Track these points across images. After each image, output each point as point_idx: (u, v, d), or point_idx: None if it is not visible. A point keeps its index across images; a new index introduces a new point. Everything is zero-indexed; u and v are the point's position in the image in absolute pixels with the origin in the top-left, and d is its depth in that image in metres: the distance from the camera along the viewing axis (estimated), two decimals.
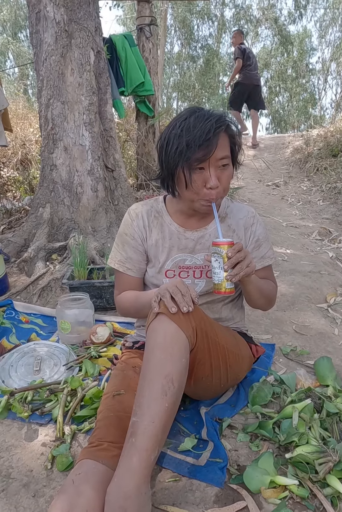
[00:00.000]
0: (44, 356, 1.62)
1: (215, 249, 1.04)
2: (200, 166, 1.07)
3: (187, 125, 1.07)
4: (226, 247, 1.03)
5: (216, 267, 1.04)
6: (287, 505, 0.97)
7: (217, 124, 1.05)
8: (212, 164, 1.08)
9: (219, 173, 1.10)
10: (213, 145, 1.05)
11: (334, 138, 5.73)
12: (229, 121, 1.11)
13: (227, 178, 1.13)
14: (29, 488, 1.04)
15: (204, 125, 1.04)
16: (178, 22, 20.78)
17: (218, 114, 1.08)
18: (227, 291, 1.04)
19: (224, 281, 1.03)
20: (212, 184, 1.08)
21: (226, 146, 1.10)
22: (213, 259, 1.05)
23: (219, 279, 1.04)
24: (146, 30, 4.24)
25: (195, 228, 1.26)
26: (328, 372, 1.44)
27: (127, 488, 0.82)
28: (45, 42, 2.83)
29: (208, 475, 1.05)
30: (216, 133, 1.05)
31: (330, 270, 2.64)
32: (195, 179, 1.09)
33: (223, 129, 1.07)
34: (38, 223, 2.89)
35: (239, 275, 1.02)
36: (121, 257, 1.28)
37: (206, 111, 1.10)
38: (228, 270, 1.02)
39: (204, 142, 1.04)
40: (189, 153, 1.05)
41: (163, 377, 0.91)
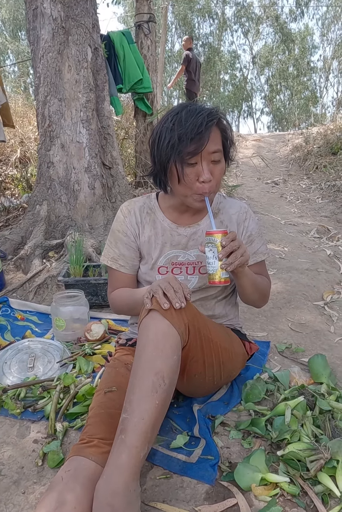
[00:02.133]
0: (38, 353, 1.62)
1: (208, 239, 1.03)
2: (192, 159, 1.06)
3: (179, 119, 1.06)
4: (219, 236, 1.01)
5: (210, 257, 1.03)
6: (277, 502, 0.96)
7: (209, 117, 1.05)
8: (204, 158, 1.07)
9: (211, 167, 1.10)
10: (204, 139, 1.04)
11: (334, 136, 5.72)
12: (221, 116, 1.10)
13: (220, 172, 1.12)
14: (19, 485, 1.04)
15: (196, 119, 1.04)
16: (179, 20, 20.75)
17: (209, 108, 1.08)
18: (222, 281, 1.03)
19: (219, 271, 1.02)
20: (204, 178, 1.07)
21: (217, 140, 1.10)
22: (206, 249, 1.04)
23: (213, 269, 1.03)
24: (145, 27, 4.23)
25: (188, 224, 1.26)
26: (322, 370, 1.43)
27: (115, 485, 0.82)
28: (42, 38, 2.82)
29: (199, 472, 1.05)
30: (208, 127, 1.04)
31: (327, 268, 2.63)
32: (187, 173, 1.08)
33: (215, 122, 1.06)
34: (35, 221, 2.88)
35: (233, 264, 1.01)
36: (114, 254, 1.27)
37: (197, 106, 1.09)
38: (222, 259, 1.01)
39: (195, 135, 1.03)
40: (181, 146, 1.05)
41: (154, 374, 0.91)
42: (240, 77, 23.85)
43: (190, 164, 1.07)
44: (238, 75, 23.71)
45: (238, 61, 23.64)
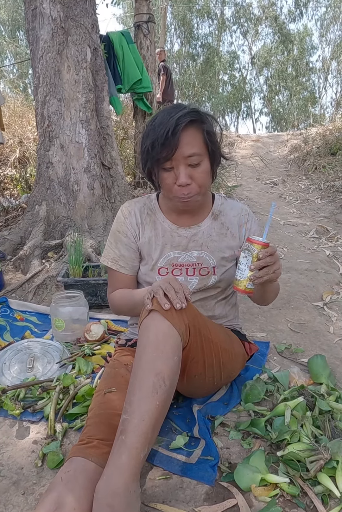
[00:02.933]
0: (37, 353, 1.61)
1: (247, 245, 1.02)
2: (167, 164, 1.07)
3: (153, 125, 1.06)
4: (259, 246, 1.00)
5: (242, 263, 1.02)
6: (277, 503, 0.96)
7: (178, 121, 1.02)
8: (180, 162, 1.06)
9: (190, 170, 1.08)
10: (174, 144, 1.03)
11: (333, 136, 5.72)
12: (197, 117, 1.07)
13: (200, 174, 1.10)
14: (19, 486, 1.03)
15: (167, 123, 1.03)
16: (178, 20, 20.74)
17: (183, 110, 1.05)
18: (246, 290, 1.03)
19: (246, 280, 1.02)
20: (180, 182, 1.07)
21: (195, 142, 1.07)
22: (242, 254, 1.03)
23: (241, 276, 1.02)
24: (144, 28, 4.23)
25: (188, 225, 1.25)
26: (321, 370, 1.44)
27: (115, 486, 0.82)
28: (41, 39, 2.82)
29: (198, 473, 1.04)
30: (176, 131, 1.02)
31: (326, 268, 2.63)
32: (165, 177, 1.09)
33: (183, 126, 1.03)
34: (34, 221, 2.88)
35: (262, 278, 1.00)
36: (114, 255, 1.27)
37: (174, 108, 1.07)
38: (253, 271, 1.00)
39: (165, 140, 1.02)
40: (153, 152, 1.05)
41: (155, 374, 0.90)
42: (239, 78, 23.86)
43: (166, 169, 1.08)
44: (237, 76, 23.72)
45: (237, 61, 23.65)
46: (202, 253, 1.25)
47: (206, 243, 1.25)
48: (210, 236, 1.25)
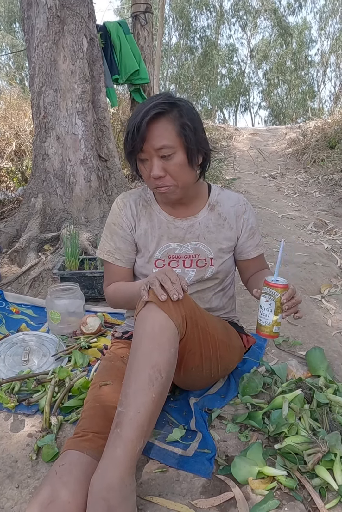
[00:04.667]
0: (33, 346, 1.60)
1: (267, 290, 1.00)
2: (141, 156, 1.07)
3: (132, 116, 1.08)
4: (280, 290, 0.99)
5: (265, 308, 1.01)
6: (274, 496, 0.95)
7: (147, 112, 1.02)
8: (152, 155, 1.06)
9: (164, 163, 1.07)
10: (143, 136, 1.03)
11: (331, 129, 5.70)
12: (169, 108, 1.04)
13: (173, 167, 1.07)
14: (13, 479, 1.02)
15: (138, 115, 1.03)
16: (176, 12, 20.57)
17: (155, 101, 1.04)
18: (273, 335, 1.02)
19: (272, 325, 1.01)
20: (152, 174, 1.07)
21: (166, 134, 1.04)
22: (263, 298, 1.01)
23: (267, 322, 1.01)
24: (142, 18, 4.18)
25: (184, 216, 1.23)
26: (319, 363, 1.43)
27: (111, 479, 0.80)
28: (37, 28, 2.78)
29: (195, 466, 1.03)
30: (145, 122, 1.01)
31: (325, 262, 2.62)
32: (142, 169, 1.11)
33: (147, 119, 1.01)
34: (30, 214, 2.85)
35: (287, 316, 1.02)
36: (110, 248, 1.25)
37: (152, 98, 1.07)
38: (284, 317, 1.00)
39: (134, 133, 1.03)
40: (128, 144, 1.07)
41: (151, 367, 0.89)
42: (237, 71, 23.73)
43: (141, 160, 1.09)
44: (235, 69, 23.59)
45: (236, 55, 23.51)
46: (198, 245, 1.23)
47: (203, 234, 1.23)
48: (206, 227, 1.23)
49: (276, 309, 1.00)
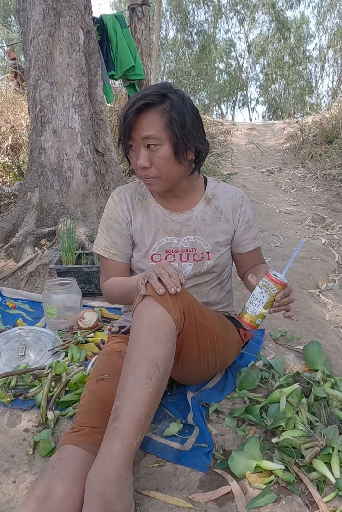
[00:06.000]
0: (29, 341, 1.59)
1: (266, 282, 0.99)
2: (130, 142, 1.08)
3: (125, 104, 1.09)
4: (280, 287, 0.98)
5: (257, 298, 1.00)
6: (272, 489, 0.95)
7: (137, 102, 1.03)
8: (139, 144, 1.07)
9: (149, 154, 1.07)
10: (131, 123, 1.04)
11: (329, 124, 5.68)
12: (156, 101, 1.03)
13: (157, 159, 1.06)
14: (9, 474, 1.02)
15: (131, 103, 1.05)
16: (173, 6, 20.42)
17: (147, 92, 1.04)
18: (254, 326, 1.02)
19: (257, 317, 1.01)
20: (138, 163, 1.08)
21: (154, 125, 1.03)
22: (258, 288, 1.00)
23: (253, 311, 1.01)
24: (139, 11, 4.14)
25: (181, 210, 1.22)
26: (317, 357, 1.42)
27: (108, 473, 0.80)
28: (32, 20, 2.74)
29: (192, 460, 1.03)
30: (133, 110, 1.02)
31: (322, 256, 2.62)
32: (131, 156, 1.12)
33: (135, 108, 1.02)
34: (26, 208, 2.83)
35: (274, 312, 1.03)
36: (107, 243, 1.24)
37: (147, 89, 1.08)
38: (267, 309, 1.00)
39: (124, 119, 1.05)
40: (120, 129, 1.08)
41: (148, 361, 0.88)
42: (235, 66, 23.62)
43: (131, 147, 1.10)
44: (233, 64, 23.48)
45: (233, 49, 23.40)
46: (195, 238, 1.22)
47: (199, 228, 1.22)
48: (203, 221, 1.22)
49: (267, 303, 1.00)
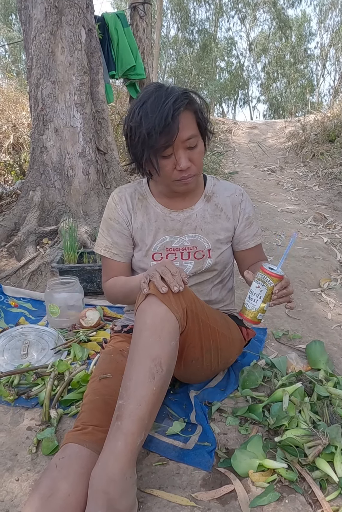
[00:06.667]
0: (32, 340, 1.59)
1: (262, 276, 0.99)
2: (166, 152, 1.03)
3: (145, 112, 1.00)
4: (276, 280, 0.98)
5: (255, 293, 1.00)
6: (275, 488, 0.95)
7: (175, 105, 0.99)
8: (178, 147, 1.03)
9: (189, 153, 1.06)
10: (174, 130, 0.99)
11: (331, 123, 5.67)
12: (189, 98, 1.04)
13: (198, 155, 1.08)
14: (13, 472, 1.02)
15: (162, 109, 0.98)
16: (174, 5, 20.38)
17: (176, 94, 1.02)
18: (255, 321, 1.01)
19: (258, 312, 1.00)
20: (181, 167, 1.05)
21: (191, 124, 1.05)
22: (255, 283, 1.00)
23: (253, 307, 1.00)
24: (140, 9, 4.13)
25: (181, 208, 1.22)
26: (319, 356, 1.42)
27: (111, 472, 0.80)
28: (34, 18, 2.74)
29: (195, 459, 1.03)
30: (175, 116, 0.98)
31: (324, 255, 2.61)
32: (164, 164, 1.05)
33: (181, 110, 1.00)
34: (28, 207, 2.83)
35: (274, 305, 1.01)
36: (107, 243, 1.24)
37: (163, 91, 1.02)
38: (266, 303, 0.99)
39: (164, 128, 0.98)
40: (151, 142, 1.00)
41: (152, 360, 0.88)
42: (236, 65, 23.57)
43: (164, 157, 1.04)
44: (234, 63, 23.43)
45: (235, 48, 23.35)
46: (196, 236, 1.22)
47: (199, 225, 1.22)
48: (203, 219, 1.23)
49: (266, 297, 0.99)
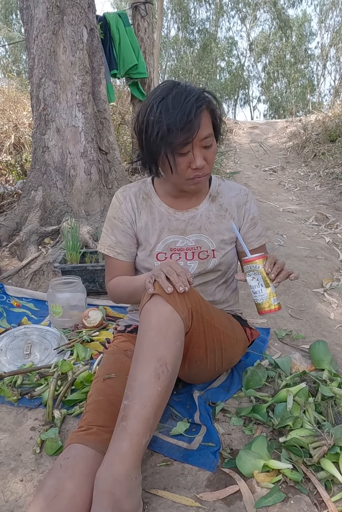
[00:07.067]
0: (35, 340, 1.59)
1: (249, 267, 0.99)
2: (184, 149, 1.02)
3: (165, 107, 1.00)
4: (261, 261, 0.98)
5: (254, 285, 0.99)
6: (280, 489, 0.95)
7: (198, 103, 0.99)
8: (196, 145, 1.03)
9: (203, 152, 1.06)
10: (195, 127, 0.99)
11: (332, 123, 5.66)
12: (210, 97, 1.06)
13: (212, 155, 1.09)
14: (17, 473, 1.02)
15: (184, 106, 0.98)
16: (174, 4, 20.38)
17: (197, 91, 1.02)
18: (276, 308, 1.00)
19: (270, 298, 0.99)
20: (197, 165, 1.04)
21: (208, 124, 1.05)
22: (248, 278, 1.00)
23: (263, 298, 0.99)
24: (142, 9, 4.12)
25: (185, 208, 1.22)
26: (323, 356, 1.42)
27: (117, 472, 0.80)
28: (36, 18, 2.74)
29: (200, 459, 1.03)
30: (198, 113, 0.99)
31: (326, 255, 2.61)
32: (179, 162, 1.05)
33: (204, 108, 1.01)
34: (30, 207, 2.83)
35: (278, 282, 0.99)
36: (111, 242, 1.24)
37: (183, 88, 1.02)
38: (273, 282, 0.98)
39: (185, 125, 0.98)
40: (171, 138, 0.99)
41: (157, 360, 0.88)
42: (236, 64, 23.58)
43: (181, 154, 1.04)
44: (234, 63, 23.44)
45: (235, 48, 23.35)
46: (200, 237, 1.22)
47: (204, 226, 1.22)
48: (208, 219, 1.22)
49: (265, 281, 0.98)
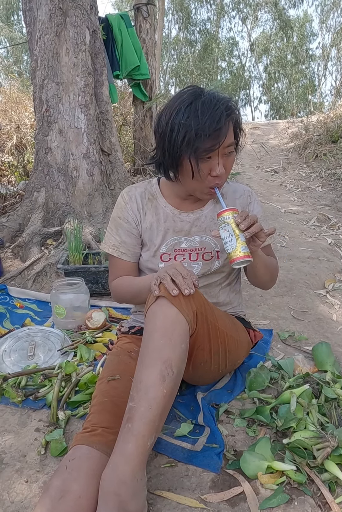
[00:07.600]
0: (38, 341, 1.59)
1: (221, 220, 1.01)
2: (208, 155, 1.03)
3: (194, 112, 1.00)
4: (231, 213, 1.00)
5: (226, 236, 1.00)
6: (284, 490, 0.95)
7: (227, 111, 1.01)
8: (219, 153, 1.04)
9: (224, 160, 1.07)
10: (223, 135, 1.00)
11: (334, 124, 5.66)
12: (236, 106, 1.07)
13: (231, 164, 1.11)
14: (22, 474, 1.02)
15: (213, 113, 0.99)
16: (175, 5, 20.40)
17: (225, 100, 1.03)
18: (245, 255, 0.99)
19: (239, 246, 0.99)
20: (218, 172, 1.05)
21: (231, 132, 1.06)
22: (221, 231, 1.01)
23: (232, 246, 1.00)
24: (144, 10, 4.13)
25: (190, 210, 1.23)
26: (326, 358, 1.42)
27: (122, 474, 0.80)
28: (39, 20, 2.75)
29: (204, 461, 1.03)
30: (226, 122, 1.01)
31: (328, 256, 2.61)
32: (202, 168, 1.05)
33: (233, 117, 1.03)
34: (33, 208, 2.84)
35: (249, 234, 0.99)
36: (115, 242, 1.24)
37: (211, 95, 1.03)
38: (242, 232, 0.99)
39: (213, 131, 0.99)
40: (198, 143, 1.00)
41: (162, 362, 0.88)
42: (237, 65, 23.59)
43: (205, 160, 1.04)
44: (235, 63, 23.45)
45: (236, 48, 23.35)
46: (205, 238, 1.22)
47: (209, 227, 1.22)
48: (213, 220, 1.23)
49: (235, 231, 0.99)
